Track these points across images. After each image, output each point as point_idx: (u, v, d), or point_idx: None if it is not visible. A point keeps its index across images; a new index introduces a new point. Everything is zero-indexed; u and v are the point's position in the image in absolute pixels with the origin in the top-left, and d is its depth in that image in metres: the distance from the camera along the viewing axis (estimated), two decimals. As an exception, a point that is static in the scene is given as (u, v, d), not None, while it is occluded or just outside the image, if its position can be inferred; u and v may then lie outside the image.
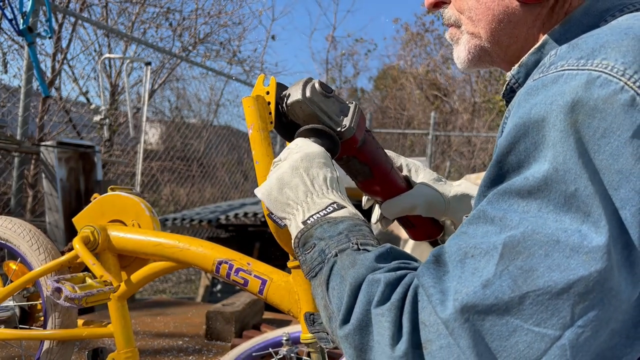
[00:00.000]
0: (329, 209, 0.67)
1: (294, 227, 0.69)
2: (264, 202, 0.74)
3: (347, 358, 0.56)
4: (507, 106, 0.68)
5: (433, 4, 0.73)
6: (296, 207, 0.69)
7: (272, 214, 0.73)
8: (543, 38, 0.64)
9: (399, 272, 0.56)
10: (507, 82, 0.69)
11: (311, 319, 0.83)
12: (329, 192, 0.70)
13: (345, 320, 0.55)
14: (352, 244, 0.62)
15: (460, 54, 0.73)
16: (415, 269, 0.58)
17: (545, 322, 0.47)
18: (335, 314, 0.58)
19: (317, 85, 0.87)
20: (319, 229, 0.65)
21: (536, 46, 0.64)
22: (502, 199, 0.52)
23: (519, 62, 0.66)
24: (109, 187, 1.50)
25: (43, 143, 3.59)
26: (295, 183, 0.71)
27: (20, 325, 1.50)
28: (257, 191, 0.74)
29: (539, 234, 0.48)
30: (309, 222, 0.67)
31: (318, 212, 0.67)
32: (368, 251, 0.61)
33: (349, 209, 0.69)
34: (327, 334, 0.73)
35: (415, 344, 0.50)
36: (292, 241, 0.68)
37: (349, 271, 0.58)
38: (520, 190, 0.51)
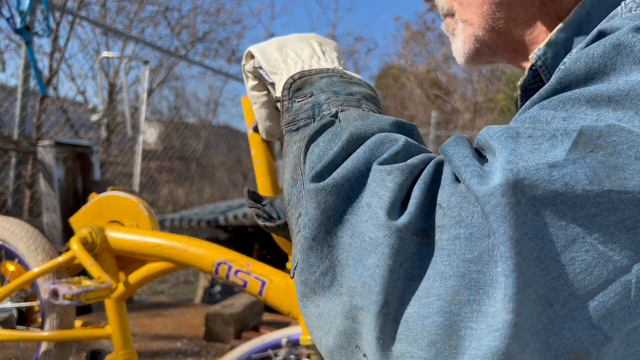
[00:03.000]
0: (331, 70, 0.53)
1: (287, 75, 0.54)
2: (255, 55, 0.61)
3: (302, 221, 0.39)
4: (522, 97, 0.61)
5: None
6: (294, 63, 0.56)
7: (261, 67, 0.60)
8: (573, 11, 0.56)
9: (422, 146, 0.41)
10: (530, 65, 0.58)
11: (254, 196, 0.62)
12: (343, 69, 0.55)
13: (322, 174, 0.39)
14: (363, 109, 0.47)
15: (457, 46, 0.65)
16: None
17: (617, 242, 0.33)
18: (307, 173, 0.41)
19: None
20: (326, 79, 0.50)
21: (566, 20, 0.56)
22: (561, 106, 0.38)
23: (546, 41, 0.56)
24: (109, 187, 1.48)
25: (41, 143, 3.57)
26: (301, 46, 0.58)
27: (18, 327, 1.49)
28: (251, 47, 0.61)
29: (630, 133, 0.34)
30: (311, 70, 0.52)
31: (312, 67, 0.54)
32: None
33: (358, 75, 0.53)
34: (270, 219, 0.56)
35: (419, 228, 0.35)
36: (282, 86, 0.52)
37: (354, 122, 0.42)
38: (595, 97, 0.37)
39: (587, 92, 0.37)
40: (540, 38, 0.60)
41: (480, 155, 0.38)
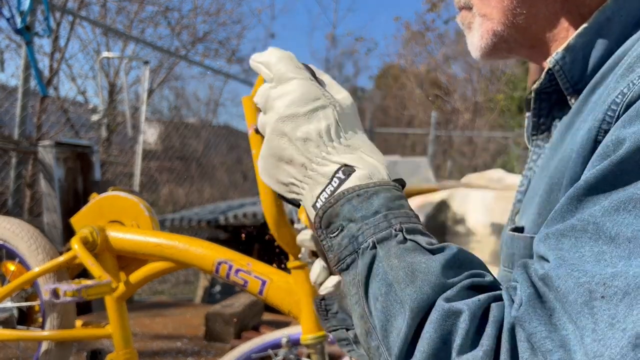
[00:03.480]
0: (335, 182, 0.51)
1: (309, 206, 0.53)
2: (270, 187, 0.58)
3: None
4: (536, 100, 0.60)
5: None
6: (302, 185, 0.54)
7: (282, 196, 0.58)
8: (593, 15, 0.55)
9: (483, 300, 0.42)
10: (547, 69, 0.57)
11: (323, 307, 0.59)
12: (331, 151, 0.52)
13: (404, 356, 0.42)
14: (395, 230, 0.46)
15: (474, 40, 0.63)
16: (492, 285, 0.44)
17: None
18: (378, 332, 0.44)
19: None
20: (347, 206, 0.48)
21: (585, 25, 0.55)
22: (624, 209, 0.38)
23: (565, 45, 0.56)
24: (110, 187, 1.48)
25: (41, 143, 3.57)
26: (290, 154, 0.54)
27: (18, 326, 1.49)
28: (261, 175, 0.58)
29: None
30: (324, 197, 0.51)
31: (325, 190, 0.51)
32: (420, 246, 0.45)
33: (365, 170, 0.51)
34: (347, 329, 0.55)
35: None
36: (313, 220, 0.52)
37: (406, 289, 0.43)
38: None
39: None
40: (560, 35, 0.59)
41: (549, 298, 0.39)
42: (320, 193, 0.51)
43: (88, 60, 6.12)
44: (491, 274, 0.46)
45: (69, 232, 3.47)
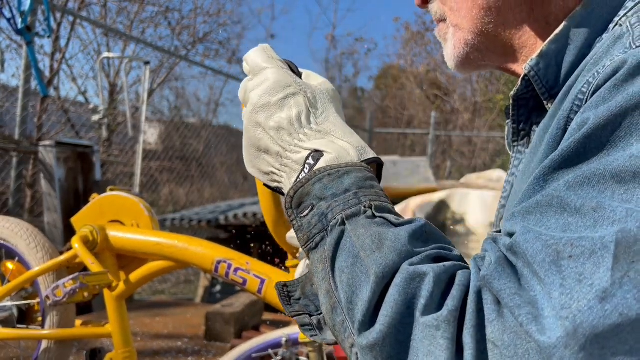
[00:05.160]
0: (306, 168, 0.52)
1: (286, 189, 0.54)
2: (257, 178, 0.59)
3: None
4: (514, 106, 0.62)
5: (422, 1, 0.67)
6: (280, 174, 0.55)
7: (268, 185, 0.59)
8: (563, 23, 0.57)
9: (448, 266, 0.42)
10: (522, 75, 0.59)
11: (286, 293, 0.57)
12: (302, 138, 0.54)
13: (368, 323, 0.41)
14: (364, 207, 0.47)
15: (448, 50, 0.65)
16: (459, 259, 0.45)
17: None
18: (344, 305, 0.44)
19: None
20: (318, 185, 0.49)
21: (556, 33, 0.57)
22: (588, 184, 0.39)
23: (539, 52, 0.57)
24: (108, 187, 1.49)
25: (41, 143, 3.58)
26: (265, 144, 0.55)
27: (18, 326, 1.50)
28: (246, 166, 0.61)
29: None
30: (301, 178, 0.52)
31: (299, 176, 0.52)
32: (388, 221, 0.46)
33: (333, 153, 0.51)
34: (311, 315, 0.55)
35: None
36: (284, 202, 0.52)
37: (372, 255, 0.43)
38: (619, 172, 0.39)
39: (611, 167, 0.39)
40: (529, 42, 0.61)
41: (519, 262, 0.40)
42: (296, 180, 0.52)
43: (88, 60, 6.14)
44: (458, 250, 0.47)
45: (69, 232, 3.48)
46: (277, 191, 0.58)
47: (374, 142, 9.90)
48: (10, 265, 1.51)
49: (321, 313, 0.54)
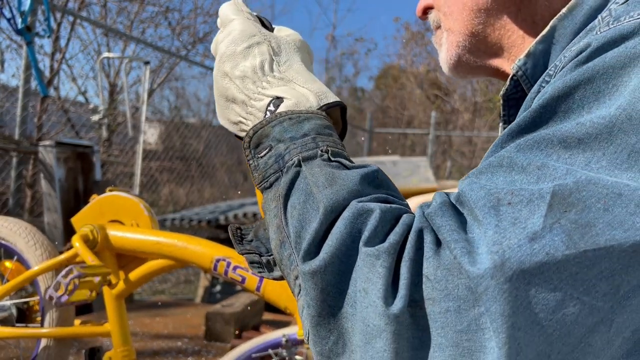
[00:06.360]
0: (267, 113, 0.53)
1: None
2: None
3: (304, 300, 0.43)
4: (504, 106, 0.63)
5: (422, 11, 0.69)
6: (246, 122, 0.56)
7: (238, 136, 0.60)
8: (550, 24, 0.59)
9: (395, 207, 0.44)
10: (511, 75, 0.61)
11: (239, 234, 0.59)
12: (265, 85, 0.55)
13: (313, 252, 0.43)
14: (321, 151, 0.48)
15: (442, 54, 0.67)
16: (407, 207, 0.46)
17: (598, 290, 0.38)
18: (292, 239, 0.45)
19: None
20: (278, 127, 0.50)
21: (543, 33, 0.59)
22: (536, 147, 0.42)
23: (526, 52, 0.59)
24: (107, 187, 1.49)
25: (41, 143, 3.58)
26: (232, 93, 0.56)
27: (17, 324, 1.50)
28: (218, 118, 0.61)
29: (596, 185, 0.39)
30: (262, 120, 0.53)
31: (261, 122, 0.53)
32: (343, 165, 0.47)
33: (293, 99, 0.53)
34: (261, 255, 0.56)
35: (412, 299, 0.39)
36: (243, 143, 0.53)
37: (324, 191, 0.44)
38: (566, 138, 0.41)
39: (559, 133, 0.42)
40: (517, 42, 0.63)
41: (462, 206, 0.42)
42: (257, 122, 0.54)
43: (88, 60, 6.14)
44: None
45: (69, 232, 3.48)
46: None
47: (374, 142, 9.90)
48: (8, 264, 1.51)
49: (271, 254, 0.55)
